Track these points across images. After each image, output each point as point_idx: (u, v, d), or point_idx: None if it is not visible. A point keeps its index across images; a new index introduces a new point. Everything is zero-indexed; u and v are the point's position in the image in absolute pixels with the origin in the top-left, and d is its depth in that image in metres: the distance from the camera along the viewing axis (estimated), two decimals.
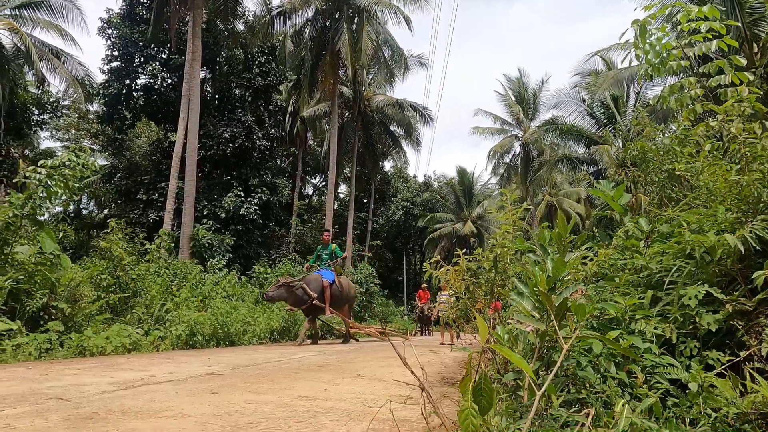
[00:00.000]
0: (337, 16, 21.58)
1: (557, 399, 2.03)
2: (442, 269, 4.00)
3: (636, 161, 5.16)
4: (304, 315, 9.73)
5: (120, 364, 4.76)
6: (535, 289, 2.23)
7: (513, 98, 31.07)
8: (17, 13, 19.37)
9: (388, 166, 38.50)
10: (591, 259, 3.27)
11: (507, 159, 31.80)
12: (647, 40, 3.57)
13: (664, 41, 3.67)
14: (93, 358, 5.65)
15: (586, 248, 3.48)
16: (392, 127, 30.68)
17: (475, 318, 4.02)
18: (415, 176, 43.12)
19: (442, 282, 3.98)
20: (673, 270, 2.71)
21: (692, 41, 3.91)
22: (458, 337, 6.06)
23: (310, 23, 22.34)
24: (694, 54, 3.96)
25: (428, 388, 1.73)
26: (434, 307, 18.80)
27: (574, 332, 2.09)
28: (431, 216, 37.02)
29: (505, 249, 3.59)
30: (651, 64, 3.73)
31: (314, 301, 9.15)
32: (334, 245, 10.24)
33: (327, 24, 22.04)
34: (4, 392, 2.95)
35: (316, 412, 2.55)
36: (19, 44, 19.02)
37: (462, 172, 38.51)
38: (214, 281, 11.89)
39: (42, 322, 5.98)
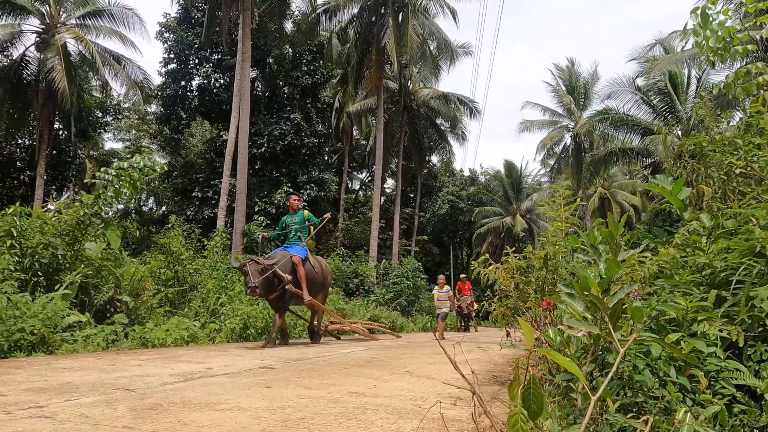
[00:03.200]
0: (382, 11, 21.58)
1: (613, 404, 1.96)
2: (490, 267, 3.95)
3: (694, 154, 4.89)
4: (272, 307, 7.42)
5: (179, 356, 5.00)
6: (586, 293, 2.16)
7: (563, 88, 30.10)
8: (82, 22, 20.55)
9: (434, 160, 38.28)
10: (649, 258, 3.14)
11: (557, 150, 30.90)
12: (708, 26, 3.37)
13: (727, 24, 3.45)
14: (155, 349, 5.95)
15: (643, 246, 3.34)
16: (438, 121, 30.44)
17: (525, 313, 3.95)
18: (461, 170, 42.71)
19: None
20: (741, 269, 2.56)
21: (759, 23, 3.65)
22: (508, 335, 5.96)
23: (355, 20, 22.47)
24: (761, 37, 3.70)
25: (478, 389, 1.72)
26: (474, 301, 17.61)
27: (630, 334, 2.02)
28: (479, 210, 36.53)
29: (557, 247, 3.50)
30: (712, 50, 3.51)
31: (288, 286, 6.88)
32: (306, 212, 7.76)
33: (372, 20, 22.09)
34: (78, 382, 3.16)
35: (365, 409, 2.59)
36: (84, 51, 20.19)
37: (509, 165, 37.76)
38: None
39: (108, 315, 6.36)
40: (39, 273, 5.96)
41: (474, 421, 1.85)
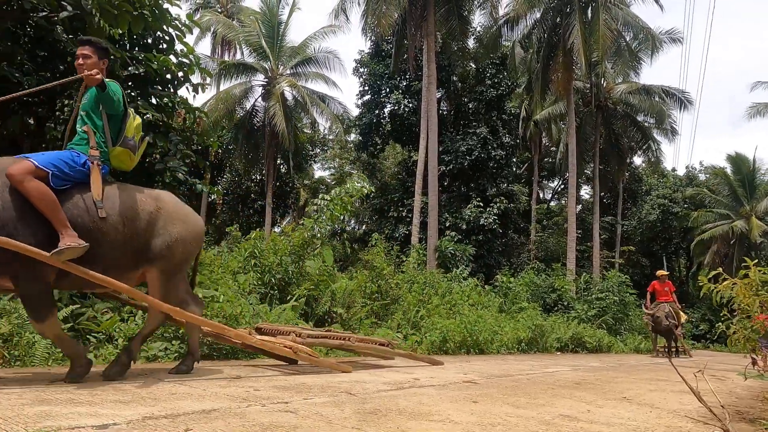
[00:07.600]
0: (567, 10, 20.44)
1: None
2: (725, 282, 3.37)
3: None
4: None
5: (386, 366, 5.38)
6: None
7: None
8: (295, 70, 24.05)
9: (637, 161, 34.32)
10: None
11: None
12: None
13: None
14: (360, 358, 6.49)
15: None
16: (639, 118, 27.28)
17: None
18: (674, 169, 37.42)
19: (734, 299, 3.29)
20: None
21: None
22: (754, 363, 4.93)
23: (538, 24, 21.72)
24: None
25: (730, 426, 1.49)
26: (676, 308, 11.98)
27: None
28: (698, 214, 31.40)
29: None
30: None
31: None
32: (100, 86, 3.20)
33: (557, 21, 21.07)
34: (309, 383, 3.64)
35: None
36: (297, 96, 23.53)
37: (737, 160, 31.62)
38: (460, 290, 12.40)
39: (326, 324, 7.19)
40: (274, 287, 7.05)
41: None
